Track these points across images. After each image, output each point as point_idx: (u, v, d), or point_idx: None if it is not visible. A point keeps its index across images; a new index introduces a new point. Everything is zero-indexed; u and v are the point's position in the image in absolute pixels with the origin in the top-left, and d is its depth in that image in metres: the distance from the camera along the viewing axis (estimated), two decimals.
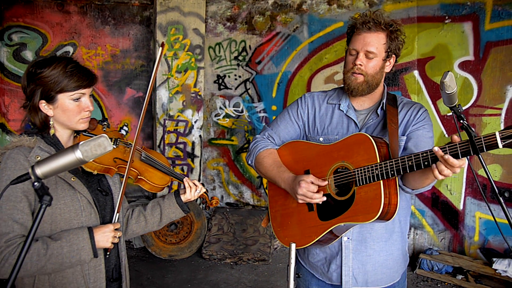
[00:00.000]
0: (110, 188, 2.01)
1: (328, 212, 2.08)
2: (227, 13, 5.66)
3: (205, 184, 6.12)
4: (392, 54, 2.14)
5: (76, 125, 1.85)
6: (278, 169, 2.25)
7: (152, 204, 2.19)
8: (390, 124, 2.11)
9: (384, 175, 1.86)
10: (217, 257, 5.37)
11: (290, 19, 5.58)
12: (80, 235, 1.76)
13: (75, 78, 1.77)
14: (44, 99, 1.79)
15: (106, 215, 1.96)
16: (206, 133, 6.02)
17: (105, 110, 5.79)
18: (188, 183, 2.13)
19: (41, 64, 1.79)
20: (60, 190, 1.79)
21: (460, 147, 1.68)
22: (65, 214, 1.79)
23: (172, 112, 5.61)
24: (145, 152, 2.10)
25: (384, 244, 2.19)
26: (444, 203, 5.17)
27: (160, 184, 2.07)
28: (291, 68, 5.68)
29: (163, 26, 5.37)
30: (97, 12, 5.52)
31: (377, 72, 2.12)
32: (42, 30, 5.44)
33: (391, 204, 1.91)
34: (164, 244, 5.43)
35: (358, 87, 2.14)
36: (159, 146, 5.67)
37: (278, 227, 2.35)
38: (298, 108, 2.37)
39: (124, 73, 5.75)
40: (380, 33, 2.08)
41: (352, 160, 2.00)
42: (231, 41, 5.74)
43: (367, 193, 1.93)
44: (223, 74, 5.85)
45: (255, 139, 2.43)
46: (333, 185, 2.07)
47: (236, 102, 5.93)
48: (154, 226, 2.18)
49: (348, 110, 2.24)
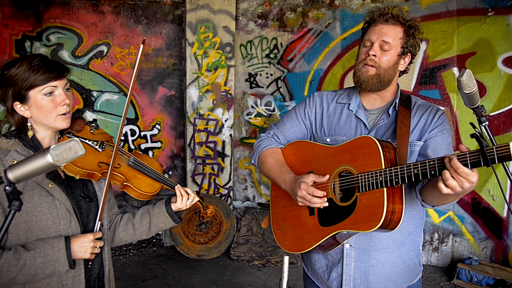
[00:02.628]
0: (95, 194, 1.90)
1: (329, 217, 1.95)
2: (258, 10, 5.56)
3: (237, 183, 6.06)
4: (408, 52, 2.00)
5: (54, 123, 1.76)
6: (280, 169, 2.14)
7: (142, 212, 2.09)
8: (401, 127, 1.95)
9: (388, 183, 1.72)
10: (245, 258, 5.30)
11: (322, 15, 5.40)
12: (55, 246, 1.67)
13: (42, 71, 1.69)
14: (18, 100, 1.72)
15: (90, 222, 1.85)
16: (238, 132, 5.95)
17: (138, 108, 5.85)
18: (179, 191, 2.01)
19: (8, 65, 1.73)
20: (37, 197, 1.71)
21: (470, 157, 1.51)
22: (42, 222, 1.70)
23: (202, 110, 5.58)
24: (134, 157, 1.98)
25: (390, 255, 2.03)
26: (485, 210, 4.82)
27: (148, 192, 1.95)
28: (323, 65, 5.50)
29: (193, 25, 5.34)
30: (130, 11, 5.58)
31: (391, 67, 1.97)
32: (77, 30, 5.57)
33: (395, 213, 1.76)
34: (193, 243, 5.41)
35: (368, 80, 1.99)
36: (189, 145, 5.66)
37: (278, 230, 2.25)
38: (306, 107, 2.26)
39: (157, 72, 5.78)
40: (398, 26, 1.96)
41: (356, 164, 1.87)
42: (262, 38, 5.64)
43: (369, 201, 1.79)
44: (255, 73, 5.76)
45: (260, 137, 2.34)
46: (337, 190, 1.94)
47: (268, 100, 5.82)
48: (143, 234, 2.08)
49: (358, 110, 2.10)
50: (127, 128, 5.87)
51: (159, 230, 2.09)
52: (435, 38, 4.87)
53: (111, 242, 2.06)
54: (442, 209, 5.02)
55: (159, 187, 1.99)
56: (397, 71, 2.03)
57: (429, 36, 4.88)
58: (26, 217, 1.67)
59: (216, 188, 5.79)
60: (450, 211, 5.01)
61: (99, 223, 1.84)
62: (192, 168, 5.72)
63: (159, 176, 2.00)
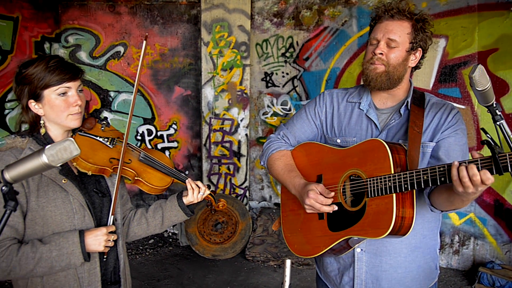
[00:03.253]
0: (108, 189, 1.96)
1: (338, 222, 1.91)
2: (273, 8, 5.51)
3: (253, 183, 6.02)
4: (418, 47, 1.92)
5: (66, 122, 1.81)
6: (289, 173, 2.11)
7: (155, 206, 2.14)
8: (412, 127, 1.88)
9: (397, 188, 1.66)
10: (260, 259, 5.25)
11: (338, 13, 5.31)
12: (70, 239, 1.73)
13: (57, 72, 1.74)
14: (32, 98, 1.78)
15: (103, 217, 1.91)
16: (254, 132, 5.91)
17: (154, 108, 5.88)
18: (190, 184, 2.05)
19: (25, 64, 1.79)
20: (52, 192, 1.77)
21: (482, 164, 1.45)
22: (56, 216, 1.76)
23: (217, 110, 5.56)
24: (144, 152, 2.02)
25: (403, 259, 1.96)
26: (509, 212, 4.65)
27: (160, 186, 2.00)
28: (340, 64, 5.41)
29: (208, 24, 5.33)
30: (146, 12, 5.61)
31: (399, 63, 1.90)
32: (95, 31, 5.63)
33: (404, 219, 1.69)
34: (208, 243, 5.40)
35: (377, 78, 1.93)
36: (205, 144, 5.65)
37: (288, 233, 2.21)
38: (316, 106, 2.20)
39: (173, 72, 5.79)
40: (404, 21, 1.89)
41: (365, 168, 1.82)
42: (278, 37, 5.58)
43: (378, 206, 1.74)
44: (271, 72, 5.71)
45: (269, 138, 2.30)
46: (348, 194, 1.88)
47: (284, 100, 5.77)
48: (156, 229, 2.13)
49: (369, 109, 2.04)
50: (144, 128, 5.91)
51: (172, 224, 2.13)
52: (455, 34, 4.72)
53: (126, 237, 2.11)
54: (463, 210, 4.87)
55: (170, 181, 2.03)
56: (408, 68, 1.96)
57: (448, 33, 4.74)
58: (42, 212, 1.74)
59: (232, 188, 5.77)
60: (471, 213, 4.85)
61: (112, 217, 1.89)
62: (208, 168, 5.72)
63: (170, 170, 2.04)
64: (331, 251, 1.96)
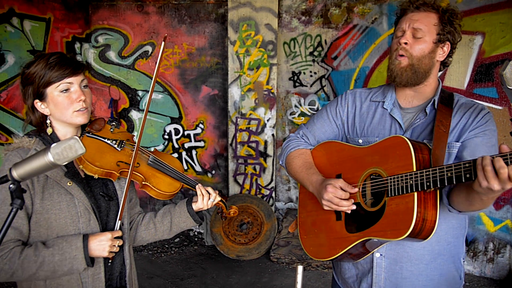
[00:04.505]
0: (116, 193, 1.92)
1: (356, 223, 1.82)
2: (301, 6, 5.40)
3: (280, 184, 5.95)
4: (445, 40, 1.82)
5: (71, 119, 1.78)
6: (308, 171, 2.03)
7: (163, 211, 2.09)
8: (439, 126, 1.77)
9: (419, 186, 1.56)
10: (285, 261, 5.17)
11: (368, 10, 5.16)
12: (73, 243, 1.70)
13: (57, 68, 1.71)
14: (37, 98, 1.76)
15: (110, 221, 1.88)
16: (281, 132, 5.83)
17: (181, 108, 5.89)
18: (200, 190, 1.99)
19: (28, 64, 1.77)
20: (56, 195, 1.74)
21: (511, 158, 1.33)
22: (61, 220, 1.74)
23: (244, 110, 5.52)
24: (153, 155, 1.97)
25: (425, 267, 1.86)
26: None
27: (168, 191, 1.94)
28: (369, 63, 5.25)
29: (235, 23, 5.29)
30: (173, 11, 5.63)
31: (425, 55, 1.81)
32: (123, 31, 5.69)
33: (426, 221, 1.59)
34: (233, 243, 5.37)
35: (402, 73, 1.84)
36: (231, 144, 5.62)
37: (304, 234, 2.13)
38: (337, 105, 2.12)
39: (200, 71, 5.79)
40: (430, 12, 1.81)
41: (386, 167, 1.72)
42: (306, 36, 5.48)
43: (398, 206, 1.64)
44: (298, 71, 5.61)
45: (289, 137, 2.24)
46: (368, 194, 1.79)
47: (312, 100, 5.66)
48: (164, 234, 2.08)
49: (393, 108, 1.94)
50: (171, 127, 5.94)
51: (181, 230, 2.08)
52: (492, 31, 4.49)
53: (133, 241, 2.07)
54: (498, 217, 4.63)
55: (179, 186, 1.97)
56: (436, 62, 1.85)
57: (485, 29, 4.51)
58: (46, 214, 1.71)
59: (258, 189, 5.71)
60: (507, 219, 4.61)
61: (119, 222, 1.85)
62: (233, 168, 5.68)
63: (179, 175, 1.98)
64: (348, 255, 1.88)
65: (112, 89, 5.85)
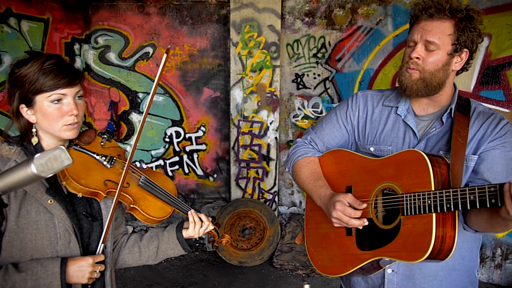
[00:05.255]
0: (100, 213, 1.73)
1: (368, 240, 1.72)
2: (305, 7, 5.31)
3: (283, 188, 5.84)
4: (463, 48, 1.69)
5: (60, 132, 1.60)
6: (315, 182, 1.92)
7: (150, 235, 1.91)
8: (456, 138, 1.66)
9: (438, 208, 1.46)
10: (288, 267, 5.07)
11: (372, 11, 5.07)
12: (49, 268, 1.52)
13: (52, 76, 1.53)
14: (24, 103, 1.57)
15: (92, 243, 1.69)
16: (284, 135, 5.73)
17: (183, 110, 5.79)
18: (193, 217, 1.83)
19: (20, 62, 1.57)
20: (35, 213, 1.55)
21: None
22: (37, 241, 1.55)
23: (246, 112, 5.42)
24: (145, 175, 1.79)
25: (439, 283, 1.77)
26: None
27: (158, 216, 1.76)
28: (374, 65, 5.16)
29: (237, 24, 5.19)
30: (175, 12, 5.53)
31: (438, 69, 1.69)
32: (124, 32, 5.59)
33: (445, 242, 1.49)
34: (235, 249, 5.26)
35: (412, 85, 1.73)
36: (233, 148, 5.52)
37: (312, 248, 2.02)
38: (348, 109, 2.00)
39: (202, 73, 5.69)
40: (445, 21, 1.66)
41: (401, 182, 1.62)
42: (309, 37, 5.38)
43: (415, 226, 1.54)
44: (302, 73, 5.52)
45: (296, 143, 2.12)
46: (379, 209, 1.69)
47: (315, 102, 5.56)
48: (149, 260, 1.91)
49: (407, 115, 1.83)
50: (172, 130, 5.83)
51: (167, 257, 1.91)
52: (499, 32, 4.40)
53: (115, 263, 1.90)
54: None
55: (170, 211, 1.81)
56: (450, 72, 1.74)
57: (492, 31, 4.42)
58: (21, 234, 1.53)
59: (260, 193, 5.61)
60: None
61: (102, 245, 1.69)
62: (236, 172, 5.58)
63: (172, 199, 1.82)
64: (359, 271, 1.78)
65: (112, 91, 5.75)
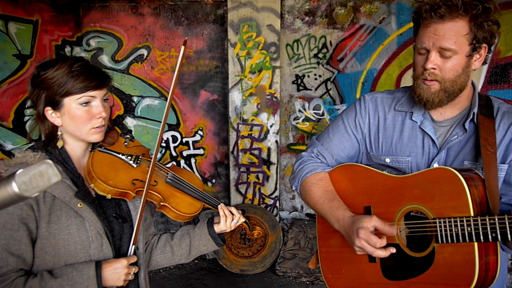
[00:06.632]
0: (130, 214, 1.71)
1: (396, 268, 1.54)
2: (305, 6, 5.13)
3: (284, 192, 5.66)
4: (481, 44, 1.51)
5: (87, 136, 1.60)
6: (330, 203, 1.73)
7: (181, 233, 1.89)
8: (485, 147, 1.48)
9: (481, 237, 1.28)
10: (291, 274, 4.89)
11: (375, 9, 4.90)
12: (85, 272, 1.50)
13: (82, 78, 1.52)
14: (50, 105, 1.56)
15: (123, 245, 1.68)
16: (285, 138, 5.55)
17: (179, 114, 5.59)
18: (223, 211, 1.80)
19: (45, 65, 1.56)
20: (65, 218, 1.53)
21: None
22: (70, 246, 1.54)
23: (246, 115, 5.23)
24: (172, 172, 1.76)
25: None
26: None
27: (188, 212, 1.74)
28: (377, 65, 5.00)
29: (235, 24, 5.00)
30: (170, 12, 5.33)
31: (459, 74, 1.52)
32: (117, 34, 5.38)
33: (489, 270, 1.33)
34: (236, 257, 5.07)
35: (433, 99, 1.57)
36: (233, 152, 5.33)
37: (329, 273, 1.84)
38: (357, 115, 1.82)
39: (198, 75, 5.49)
40: (459, 20, 1.47)
41: (432, 205, 1.44)
42: (310, 37, 5.20)
43: (453, 256, 1.37)
44: (302, 74, 5.34)
45: (301, 158, 1.92)
46: (404, 233, 1.51)
47: (317, 104, 5.39)
48: (182, 258, 1.89)
49: (424, 121, 1.66)
50: (169, 134, 5.63)
51: (200, 254, 1.87)
52: (508, 30, 4.26)
53: (147, 265, 1.87)
54: None
55: (200, 206, 1.79)
56: (471, 72, 1.57)
57: (500, 29, 4.26)
58: (53, 240, 1.52)
59: (261, 198, 5.43)
60: None
61: (133, 246, 1.67)
62: (235, 177, 5.39)
63: (201, 194, 1.80)
64: None
65: None
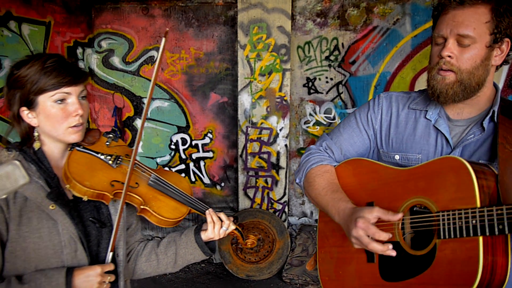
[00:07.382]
0: (110, 218, 1.62)
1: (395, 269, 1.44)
2: (317, 7, 5.03)
3: (293, 197, 5.55)
4: (503, 36, 1.42)
5: (64, 136, 1.54)
6: (333, 195, 1.65)
7: (168, 240, 1.79)
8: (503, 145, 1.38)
9: (487, 230, 1.18)
10: (298, 282, 4.78)
11: (389, 10, 4.76)
12: (54, 279, 1.42)
13: (54, 74, 1.47)
14: (25, 105, 1.51)
15: (101, 251, 1.59)
16: (295, 142, 5.45)
17: (189, 116, 5.55)
18: (211, 216, 1.69)
19: (19, 64, 1.52)
20: (36, 220, 1.47)
21: None
22: (40, 250, 1.47)
23: (255, 119, 5.15)
24: (155, 174, 1.67)
25: None
26: None
27: (172, 217, 1.63)
28: (391, 68, 4.85)
29: (245, 25, 4.94)
30: (180, 14, 5.31)
31: (477, 66, 1.42)
32: (128, 35, 5.39)
33: (495, 273, 1.21)
34: (242, 262, 4.99)
35: (447, 90, 1.47)
36: (241, 155, 5.26)
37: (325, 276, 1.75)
38: (369, 111, 1.75)
39: (208, 77, 5.45)
40: (479, 6, 1.40)
41: (436, 198, 1.34)
42: (321, 39, 5.09)
43: (455, 253, 1.26)
44: (313, 77, 5.23)
45: (308, 150, 1.87)
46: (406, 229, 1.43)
47: (328, 108, 5.27)
48: (168, 267, 1.77)
49: (438, 119, 1.57)
50: (178, 136, 5.60)
51: (187, 263, 1.77)
52: None
53: (132, 274, 1.78)
54: None
55: (185, 211, 1.68)
56: (491, 67, 1.47)
57: None
58: (23, 243, 1.46)
59: (269, 203, 5.33)
60: None
61: (111, 253, 1.57)
62: (244, 181, 5.31)
63: (187, 198, 1.69)
64: None
65: (116, 97, 5.55)
